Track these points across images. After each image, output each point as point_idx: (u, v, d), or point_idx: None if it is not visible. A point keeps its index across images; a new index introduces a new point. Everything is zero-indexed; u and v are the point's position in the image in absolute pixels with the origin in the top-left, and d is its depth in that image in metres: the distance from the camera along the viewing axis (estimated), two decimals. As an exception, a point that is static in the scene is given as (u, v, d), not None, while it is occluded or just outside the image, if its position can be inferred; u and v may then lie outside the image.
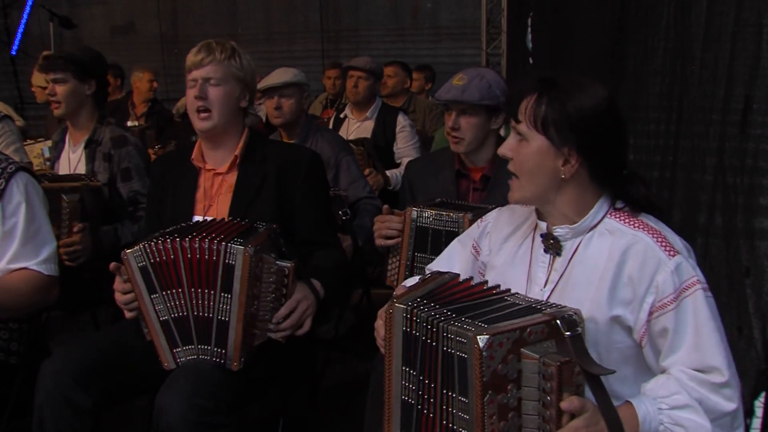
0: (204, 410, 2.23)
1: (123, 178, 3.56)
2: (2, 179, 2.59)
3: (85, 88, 3.67)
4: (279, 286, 2.39)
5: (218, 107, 2.70)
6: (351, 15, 10.39)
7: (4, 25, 11.06)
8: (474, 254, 2.24)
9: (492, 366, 1.63)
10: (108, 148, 3.62)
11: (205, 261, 2.33)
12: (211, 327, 2.36)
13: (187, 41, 10.26)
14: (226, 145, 2.77)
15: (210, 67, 2.68)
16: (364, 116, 5.35)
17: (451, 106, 3.04)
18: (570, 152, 1.91)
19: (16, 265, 2.60)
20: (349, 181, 3.97)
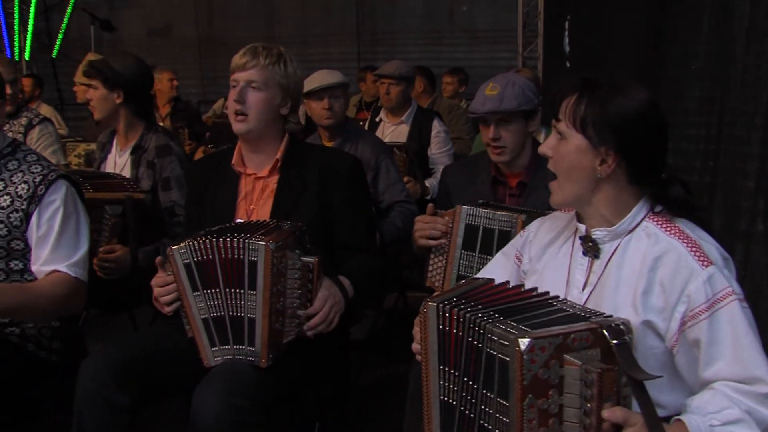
0: (240, 410, 2.24)
1: (163, 187, 3.58)
2: (42, 185, 2.64)
3: (114, 97, 3.66)
4: (304, 281, 2.39)
5: (256, 112, 2.70)
6: (387, 18, 10.40)
7: (45, 29, 11.22)
8: (517, 263, 2.25)
9: (533, 370, 1.62)
10: (152, 156, 3.63)
11: (235, 260, 2.34)
12: (243, 326, 2.37)
13: (223, 43, 10.35)
14: (266, 149, 2.77)
15: (253, 71, 2.68)
16: (400, 120, 5.34)
17: (489, 118, 3.00)
18: (607, 152, 1.92)
19: (47, 267, 2.64)
20: (387, 184, 3.97)
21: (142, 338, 2.71)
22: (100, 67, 3.66)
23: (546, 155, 2.02)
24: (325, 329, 2.43)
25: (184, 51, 10.77)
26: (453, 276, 2.83)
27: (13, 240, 2.62)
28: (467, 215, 2.80)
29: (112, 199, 3.31)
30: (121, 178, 3.57)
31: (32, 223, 2.62)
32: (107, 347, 2.50)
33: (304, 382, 2.56)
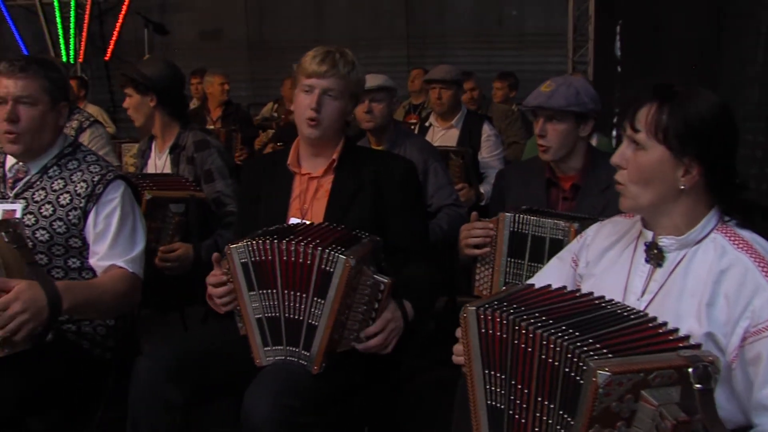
0: (291, 410, 2.24)
1: (206, 180, 3.64)
2: (101, 185, 2.71)
3: (148, 101, 3.73)
4: (372, 299, 2.38)
5: (329, 120, 2.71)
6: (436, 21, 10.40)
7: (99, 32, 11.40)
8: (573, 266, 2.23)
9: (605, 402, 1.56)
10: (191, 152, 3.70)
11: (300, 264, 2.34)
12: (301, 330, 2.38)
13: (273, 46, 10.44)
14: (324, 151, 2.79)
15: (332, 80, 2.67)
16: (449, 124, 5.32)
17: (538, 113, 3.01)
18: (691, 162, 1.88)
19: (105, 262, 2.71)
20: (436, 188, 3.96)
21: (195, 337, 2.74)
22: (131, 74, 3.75)
23: (619, 166, 1.97)
24: (380, 351, 2.43)
25: (234, 54, 10.87)
26: (500, 284, 2.82)
27: (71, 237, 2.68)
28: (511, 222, 2.78)
29: (175, 198, 3.39)
30: (183, 177, 3.64)
31: (90, 221, 2.69)
32: (162, 346, 2.54)
33: (354, 385, 2.56)
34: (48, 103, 2.69)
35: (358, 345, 2.41)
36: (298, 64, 2.74)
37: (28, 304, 2.32)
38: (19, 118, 2.65)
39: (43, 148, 2.75)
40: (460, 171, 4.53)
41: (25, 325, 2.32)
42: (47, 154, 2.77)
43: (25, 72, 2.65)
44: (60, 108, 2.75)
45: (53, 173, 2.74)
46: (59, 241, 2.67)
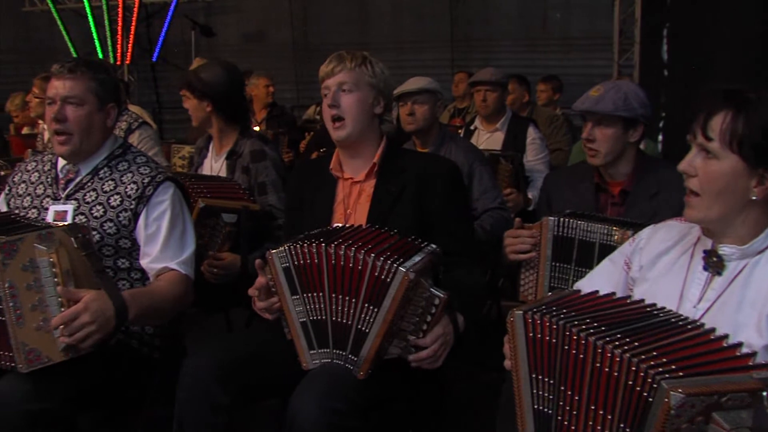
0: (337, 413, 2.24)
1: (259, 192, 3.64)
2: (151, 186, 2.74)
3: (204, 106, 3.75)
4: (425, 312, 2.35)
5: (352, 114, 2.72)
6: (481, 24, 10.37)
7: (146, 34, 11.54)
8: (625, 270, 2.19)
9: (676, 424, 1.53)
10: (247, 162, 3.69)
11: (350, 269, 2.33)
12: (349, 334, 2.37)
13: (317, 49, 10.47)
14: (364, 153, 2.79)
15: (342, 75, 2.70)
16: (494, 128, 5.30)
17: (587, 117, 2.99)
18: (765, 172, 1.85)
19: (157, 264, 2.74)
20: (481, 191, 3.94)
21: (243, 339, 2.76)
22: (189, 79, 3.79)
23: (687, 173, 1.94)
24: (429, 366, 2.40)
25: (278, 56, 10.93)
26: (545, 289, 2.80)
27: (121, 239, 2.71)
28: (555, 226, 2.76)
29: (229, 208, 3.40)
30: (237, 184, 3.64)
31: (140, 223, 2.71)
32: (210, 347, 2.56)
33: (399, 389, 2.55)
34: (95, 103, 2.73)
35: (409, 357, 2.39)
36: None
37: (96, 315, 2.35)
38: (66, 118, 2.69)
39: (92, 149, 2.79)
40: (510, 176, 4.51)
41: (92, 336, 2.35)
42: (97, 155, 2.80)
43: (72, 73, 2.70)
44: (108, 109, 2.78)
45: (104, 174, 2.77)
46: (109, 242, 2.70)
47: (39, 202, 2.80)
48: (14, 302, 2.29)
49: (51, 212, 2.75)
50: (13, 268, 2.29)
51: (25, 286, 2.31)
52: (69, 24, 11.68)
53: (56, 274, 2.32)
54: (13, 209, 2.85)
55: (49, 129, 2.79)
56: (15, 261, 2.29)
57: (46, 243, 2.33)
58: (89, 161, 2.80)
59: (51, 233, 2.36)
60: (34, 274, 2.32)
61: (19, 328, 2.30)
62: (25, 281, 2.31)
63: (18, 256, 2.30)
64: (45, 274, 2.33)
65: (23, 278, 2.31)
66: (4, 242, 2.28)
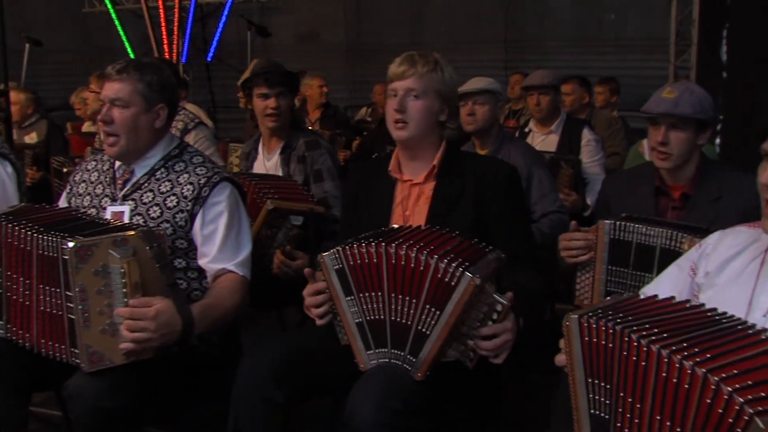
0: (395, 412, 2.24)
1: (315, 179, 3.70)
2: (207, 187, 2.75)
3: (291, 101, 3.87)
4: (487, 317, 2.34)
5: (416, 120, 2.71)
6: (535, 25, 10.32)
7: (201, 34, 11.68)
8: (691, 275, 2.17)
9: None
10: (302, 151, 3.76)
11: (411, 270, 2.32)
12: (408, 334, 2.36)
13: (371, 50, 10.51)
14: (423, 156, 2.78)
15: (411, 80, 2.70)
16: (549, 130, 5.28)
17: (661, 120, 2.93)
18: None
19: (216, 265, 2.76)
20: (540, 194, 3.92)
21: (299, 338, 2.78)
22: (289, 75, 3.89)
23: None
24: (489, 357, 2.37)
25: (332, 57, 10.98)
26: (601, 293, 2.78)
27: (178, 239, 2.74)
28: (611, 230, 2.74)
29: (296, 210, 3.45)
30: (301, 186, 3.68)
31: (197, 223, 2.73)
32: (267, 345, 2.58)
33: (455, 390, 2.55)
34: (141, 105, 2.75)
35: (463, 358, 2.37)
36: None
37: (162, 328, 2.39)
38: (112, 120, 2.73)
39: (142, 150, 2.81)
40: (570, 180, 4.48)
41: (150, 345, 2.39)
42: (150, 156, 2.82)
43: (120, 75, 2.74)
44: (157, 110, 2.79)
45: (160, 175, 2.79)
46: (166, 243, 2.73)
47: (98, 201, 2.84)
48: (83, 305, 2.34)
49: (108, 213, 2.78)
50: (86, 272, 2.33)
51: (95, 291, 2.35)
52: (126, 24, 11.88)
53: (126, 285, 2.35)
54: (75, 208, 2.88)
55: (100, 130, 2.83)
56: (88, 265, 2.33)
57: (120, 250, 2.35)
58: (143, 161, 2.82)
59: (126, 239, 2.38)
60: (104, 279, 2.36)
61: (86, 331, 2.35)
62: (95, 286, 2.35)
63: (92, 260, 2.33)
64: (115, 281, 2.36)
65: (94, 283, 2.35)
66: (80, 247, 2.31)
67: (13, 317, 2.56)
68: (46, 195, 5.30)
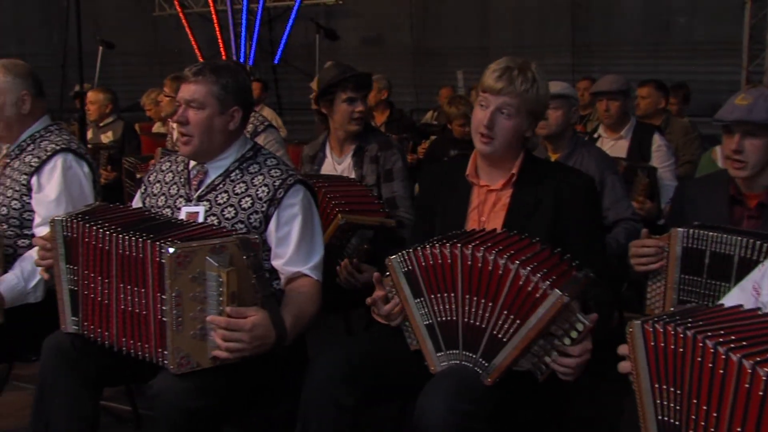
0: (465, 414, 2.24)
1: (385, 179, 3.72)
2: (282, 189, 2.77)
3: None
4: (566, 334, 2.30)
5: (502, 139, 2.68)
6: (603, 29, 10.22)
7: (268, 37, 11.82)
8: (755, 295, 2.12)
9: None
10: (375, 151, 3.78)
11: (488, 273, 2.31)
12: (482, 337, 2.35)
13: (436, 53, 10.50)
14: (502, 164, 2.76)
15: (506, 98, 2.64)
16: (618, 135, 5.19)
17: (735, 128, 2.85)
18: None
19: (290, 268, 2.78)
20: (613, 201, 3.87)
21: (368, 341, 2.79)
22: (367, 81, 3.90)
23: None
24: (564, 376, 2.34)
25: (397, 60, 11.02)
26: (673, 301, 2.73)
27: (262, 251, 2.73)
28: (684, 238, 2.69)
29: (367, 224, 3.44)
30: (373, 195, 3.66)
31: (271, 225, 2.75)
32: (337, 348, 2.60)
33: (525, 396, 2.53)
34: (216, 107, 2.78)
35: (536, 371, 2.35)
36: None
37: (256, 341, 2.42)
38: (187, 121, 2.77)
39: (215, 151, 2.84)
40: (645, 189, 4.41)
41: (241, 354, 2.42)
42: (224, 157, 2.85)
43: (196, 77, 2.77)
44: (231, 113, 2.82)
45: (235, 177, 2.82)
46: None
47: (172, 202, 2.87)
48: (178, 310, 2.37)
49: (183, 213, 2.81)
50: (183, 278, 2.36)
51: (190, 296, 2.38)
52: (195, 27, 12.10)
53: (222, 293, 2.37)
54: (149, 208, 2.92)
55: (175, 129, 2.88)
56: (186, 271, 2.36)
57: (217, 257, 2.38)
58: (217, 162, 2.85)
59: (224, 246, 2.40)
60: (201, 286, 2.39)
61: (178, 335, 2.38)
62: (191, 291, 2.38)
63: (190, 266, 2.36)
64: (211, 287, 2.38)
65: (190, 288, 2.38)
66: (180, 253, 2.34)
67: (89, 314, 2.62)
68: (118, 195, 5.40)
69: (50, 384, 2.64)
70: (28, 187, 3.21)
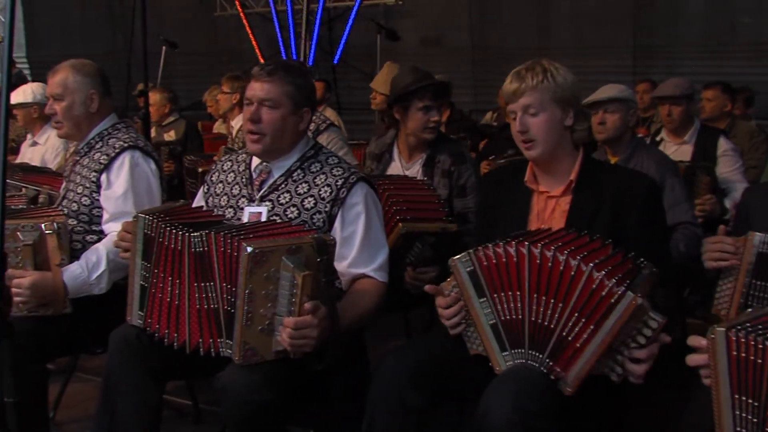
0: (530, 414, 2.23)
1: (458, 194, 3.68)
2: (344, 188, 2.79)
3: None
4: (639, 334, 2.29)
5: (541, 136, 2.66)
6: (664, 30, 10.05)
7: (327, 37, 11.88)
8: None
9: None
10: (448, 165, 3.73)
11: (558, 273, 2.31)
12: (550, 337, 2.34)
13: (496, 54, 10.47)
14: (559, 168, 2.74)
15: (525, 97, 2.64)
16: (682, 140, 5.10)
17: None
18: None
19: (355, 270, 2.80)
20: (672, 204, 3.81)
21: (433, 340, 2.78)
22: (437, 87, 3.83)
23: None
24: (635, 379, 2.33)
25: (456, 60, 10.98)
26: (740, 305, 2.69)
27: None
28: (761, 243, 2.64)
29: (430, 232, 3.42)
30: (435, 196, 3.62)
31: (336, 225, 2.78)
32: (406, 348, 2.64)
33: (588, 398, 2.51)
34: (290, 107, 2.81)
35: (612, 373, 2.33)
36: None
37: (322, 334, 2.44)
38: (261, 119, 2.79)
39: (284, 151, 2.86)
40: (707, 187, 4.36)
41: (309, 345, 2.44)
42: (289, 157, 2.88)
43: (271, 77, 2.79)
44: (302, 113, 2.85)
45: (297, 177, 2.84)
46: None
47: (235, 202, 2.90)
48: (249, 306, 2.41)
49: (246, 213, 2.84)
50: (258, 276, 2.39)
51: (263, 293, 2.42)
52: (255, 27, 12.20)
53: (295, 295, 2.40)
54: (212, 207, 2.97)
55: (244, 128, 2.88)
56: (261, 269, 2.39)
57: (293, 258, 2.41)
58: (281, 162, 2.88)
59: (300, 247, 2.43)
60: (273, 284, 2.42)
61: (246, 329, 2.42)
62: (264, 289, 2.42)
63: (265, 265, 2.40)
64: (284, 288, 2.41)
65: (263, 286, 2.41)
66: (258, 252, 2.37)
67: (156, 313, 2.64)
68: (180, 193, 5.47)
69: (117, 376, 2.69)
70: (97, 184, 3.27)
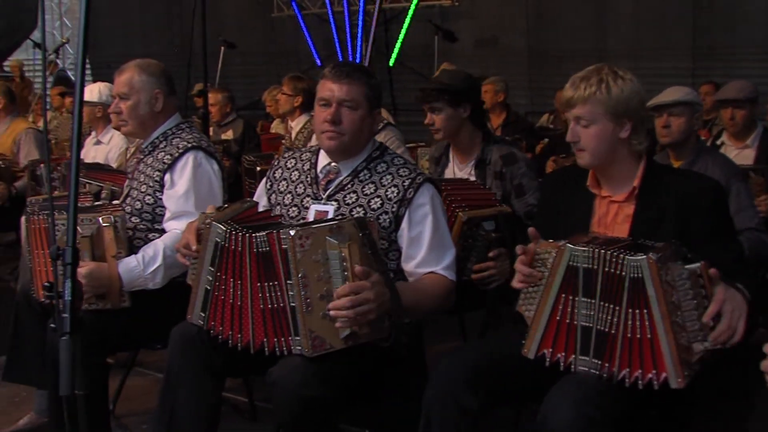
0: (591, 420, 2.22)
1: (517, 194, 3.66)
2: (411, 189, 2.80)
3: (461, 113, 3.75)
4: (696, 288, 2.26)
5: (590, 147, 2.64)
6: (724, 32, 9.85)
7: (383, 38, 11.91)
8: None
9: None
10: (499, 167, 3.71)
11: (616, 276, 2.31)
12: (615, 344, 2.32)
13: (552, 55, 10.38)
14: (618, 174, 2.70)
15: (578, 108, 2.62)
16: (744, 144, 5.02)
17: None
18: None
19: (423, 269, 2.80)
20: (737, 209, 3.74)
21: (491, 343, 2.80)
22: (444, 88, 3.77)
23: None
24: (731, 341, 2.26)
25: (512, 62, 10.92)
26: None
27: (380, 240, 2.76)
28: None
29: (487, 215, 3.41)
30: (484, 188, 3.64)
31: (403, 225, 2.79)
32: (461, 351, 2.64)
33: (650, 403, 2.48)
34: (366, 108, 2.83)
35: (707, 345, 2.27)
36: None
37: (378, 298, 2.45)
38: (341, 121, 2.80)
39: (357, 150, 2.88)
40: (762, 188, 4.28)
41: (370, 311, 2.45)
42: (358, 157, 2.89)
43: (350, 78, 2.80)
44: (375, 114, 2.88)
45: (364, 177, 2.86)
46: None
47: (299, 200, 2.92)
48: (306, 291, 2.44)
49: (312, 212, 2.86)
50: (306, 259, 2.44)
51: (315, 277, 2.45)
52: (312, 28, 12.28)
53: (346, 268, 2.44)
54: (275, 205, 3.00)
55: (317, 128, 2.88)
56: (308, 252, 2.44)
57: (336, 236, 2.46)
58: (350, 162, 2.89)
59: (341, 227, 2.48)
60: (324, 266, 2.46)
61: (308, 316, 2.45)
62: (316, 272, 2.45)
63: (312, 248, 2.44)
64: (334, 266, 2.46)
65: (314, 269, 2.45)
66: (301, 234, 2.43)
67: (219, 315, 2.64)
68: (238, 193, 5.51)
69: (177, 372, 2.74)
70: (161, 184, 3.32)
